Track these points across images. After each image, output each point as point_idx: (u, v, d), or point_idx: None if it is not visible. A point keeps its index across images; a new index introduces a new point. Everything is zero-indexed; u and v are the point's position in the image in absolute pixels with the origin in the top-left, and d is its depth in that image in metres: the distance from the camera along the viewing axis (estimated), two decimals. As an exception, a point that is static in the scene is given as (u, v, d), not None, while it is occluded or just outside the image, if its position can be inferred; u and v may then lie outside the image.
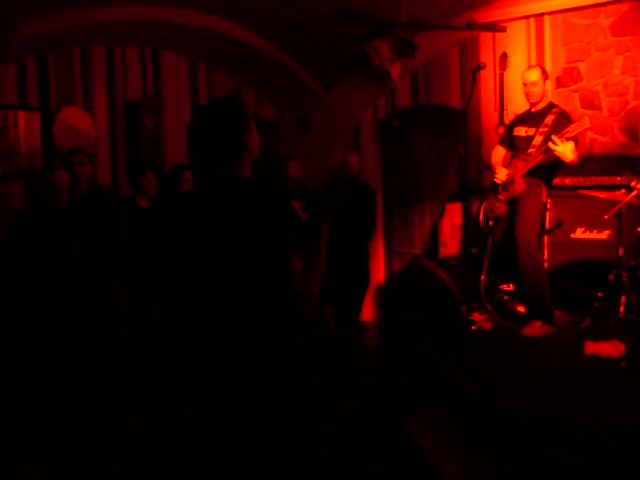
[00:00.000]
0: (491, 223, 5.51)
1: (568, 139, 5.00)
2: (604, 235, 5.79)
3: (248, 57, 6.99)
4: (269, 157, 7.09)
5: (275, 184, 6.52)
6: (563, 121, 5.26)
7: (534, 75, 5.31)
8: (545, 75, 5.36)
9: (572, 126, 5.01)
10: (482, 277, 5.73)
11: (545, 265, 5.48)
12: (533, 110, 5.42)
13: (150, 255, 5.52)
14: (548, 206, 5.55)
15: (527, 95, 5.37)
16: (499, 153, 5.66)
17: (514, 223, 5.29)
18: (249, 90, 7.61)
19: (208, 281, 2.72)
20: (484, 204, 5.60)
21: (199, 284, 2.74)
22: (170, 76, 6.88)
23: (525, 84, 5.35)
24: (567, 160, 5.06)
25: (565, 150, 4.99)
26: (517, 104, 5.84)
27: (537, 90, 5.31)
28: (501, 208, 5.42)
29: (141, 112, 6.56)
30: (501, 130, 6.27)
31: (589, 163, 6.08)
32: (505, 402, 4.12)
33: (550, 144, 5.01)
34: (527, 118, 5.45)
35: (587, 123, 5.02)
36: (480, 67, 5.19)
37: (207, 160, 2.81)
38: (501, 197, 5.40)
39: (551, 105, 5.42)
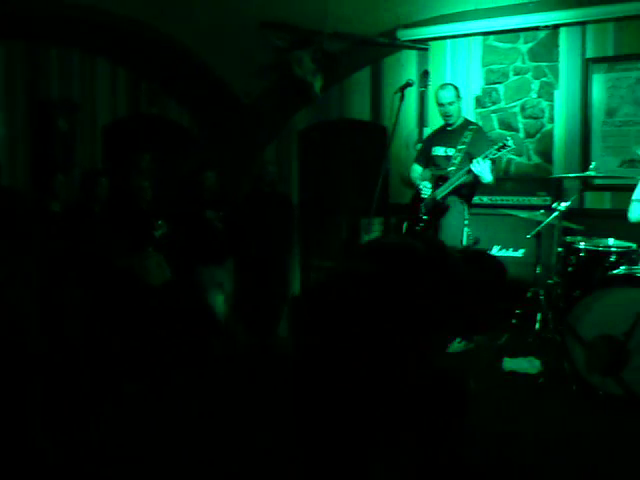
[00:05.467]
0: None
1: (489, 158, 5.10)
2: (519, 253, 5.93)
3: (169, 63, 6.84)
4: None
5: None
6: (481, 138, 5.38)
7: (450, 95, 5.39)
8: (458, 92, 5.46)
9: (496, 147, 5.10)
10: None
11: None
12: (449, 128, 5.50)
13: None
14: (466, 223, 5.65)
15: (445, 115, 5.45)
16: (417, 171, 5.72)
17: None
18: (169, 99, 7.42)
19: None
20: (407, 223, 5.62)
21: None
22: (88, 78, 6.63)
23: (442, 104, 5.42)
24: (485, 181, 5.18)
25: (485, 171, 5.09)
26: (437, 121, 5.92)
27: (454, 109, 5.41)
28: (424, 228, 5.46)
29: (54, 113, 6.28)
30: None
31: (505, 183, 6.23)
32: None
33: (472, 166, 5.10)
34: (444, 136, 5.53)
35: (511, 144, 5.12)
36: (409, 84, 5.24)
37: None
38: (424, 217, 5.43)
39: (467, 122, 5.54)
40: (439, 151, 5.50)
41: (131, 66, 6.99)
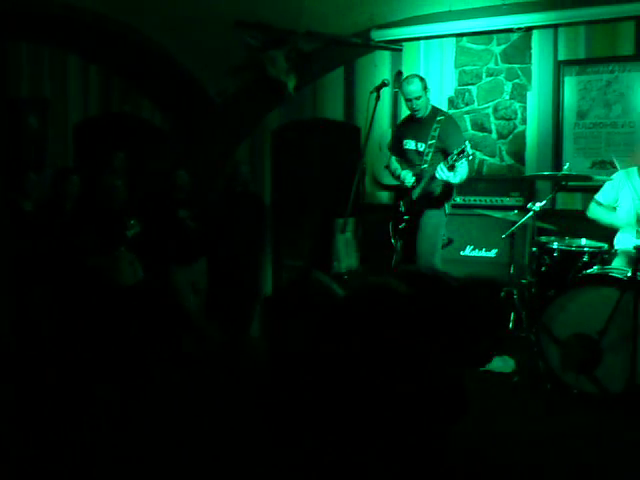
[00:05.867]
0: (399, 240, 5.56)
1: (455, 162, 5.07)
2: (492, 253, 5.98)
3: (141, 61, 6.78)
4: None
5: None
6: (450, 130, 5.32)
7: (417, 88, 5.25)
8: (425, 83, 5.34)
9: (456, 152, 5.02)
10: None
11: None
12: (418, 119, 5.40)
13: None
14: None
15: (413, 110, 5.35)
16: (395, 163, 5.68)
17: (414, 239, 5.36)
18: (142, 97, 7.35)
19: None
20: (392, 222, 5.62)
21: None
22: (59, 75, 6.55)
23: (409, 99, 5.31)
24: (453, 184, 5.20)
25: (449, 176, 5.09)
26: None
27: (422, 103, 5.31)
28: (407, 227, 5.47)
29: (25, 110, 6.20)
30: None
31: (478, 183, 6.27)
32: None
33: (436, 173, 5.10)
34: (414, 128, 5.45)
35: (469, 150, 5.00)
36: (384, 84, 5.23)
37: None
38: (405, 216, 5.44)
39: (435, 111, 5.43)
40: (410, 145, 5.45)
41: (103, 63, 6.92)
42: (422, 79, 5.37)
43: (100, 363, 5.42)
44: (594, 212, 5.31)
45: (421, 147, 5.37)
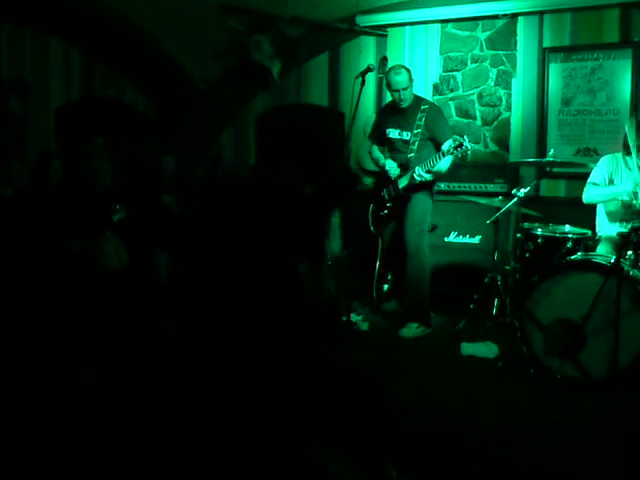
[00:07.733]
0: (379, 230, 5.58)
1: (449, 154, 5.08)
2: (476, 240, 5.99)
3: (124, 45, 6.72)
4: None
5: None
6: (435, 118, 5.31)
7: (404, 80, 5.25)
8: (410, 75, 5.31)
9: (453, 146, 5.00)
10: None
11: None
12: (400, 107, 5.36)
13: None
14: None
15: (399, 100, 5.33)
16: (377, 151, 5.66)
17: (401, 225, 5.37)
18: (125, 82, 7.29)
19: None
20: (372, 209, 5.63)
21: None
22: (41, 57, 6.48)
23: (396, 90, 5.29)
24: (429, 181, 5.26)
25: (425, 177, 5.19)
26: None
27: (408, 94, 5.31)
28: (389, 214, 5.48)
29: (6, 92, 6.13)
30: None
31: (463, 169, 6.27)
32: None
33: (413, 175, 5.17)
34: (397, 117, 5.42)
35: (468, 145, 5.00)
36: (370, 69, 5.20)
37: None
38: (388, 204, 5.45)
39: (417, 100, 5.40)
40: (394, 134, 5.43)
41: (85, 47, 6.85)
42: (408, 70, 5.33)
43: (84, 348, 5.39)
44: (592, 193, 5.04)
45: (407, 136, 5.33)
